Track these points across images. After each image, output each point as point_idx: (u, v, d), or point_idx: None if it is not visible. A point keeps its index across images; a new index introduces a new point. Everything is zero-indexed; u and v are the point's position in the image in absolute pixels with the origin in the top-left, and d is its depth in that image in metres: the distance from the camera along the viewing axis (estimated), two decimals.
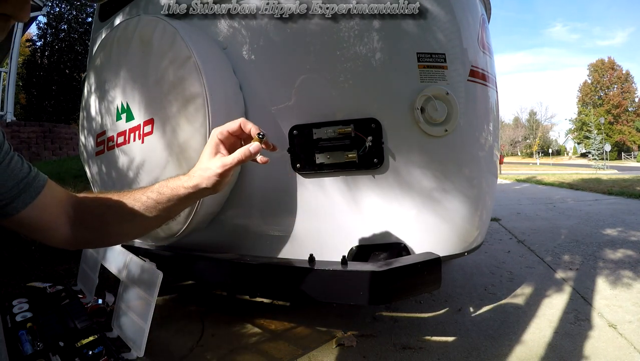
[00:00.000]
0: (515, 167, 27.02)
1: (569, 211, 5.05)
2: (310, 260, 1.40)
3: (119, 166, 1.64)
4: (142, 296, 1.45)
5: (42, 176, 0.63)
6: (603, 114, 46.39)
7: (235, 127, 0.70)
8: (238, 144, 0.73)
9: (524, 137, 62.33)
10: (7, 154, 0.59)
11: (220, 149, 0.70)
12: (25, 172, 0.60)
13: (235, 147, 0.72)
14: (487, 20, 1.88)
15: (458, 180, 1.53)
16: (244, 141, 0.72)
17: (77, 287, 2.09)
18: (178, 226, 1.52)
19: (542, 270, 2.63)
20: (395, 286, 1.32)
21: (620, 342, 1.61)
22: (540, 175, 14.17)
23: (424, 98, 1.43)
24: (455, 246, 1.57)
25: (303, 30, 1.51)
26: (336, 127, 1.45)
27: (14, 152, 0.61)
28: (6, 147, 0.59)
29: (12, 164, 0.59)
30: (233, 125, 0.69)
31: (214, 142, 0.69)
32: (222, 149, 0.70)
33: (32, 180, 0.61)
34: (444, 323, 1.87)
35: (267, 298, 2.19)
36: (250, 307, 2.15)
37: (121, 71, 1.60)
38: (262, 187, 1.62)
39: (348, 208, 1.52)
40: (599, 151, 31.96)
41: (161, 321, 1.95)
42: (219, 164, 0.67)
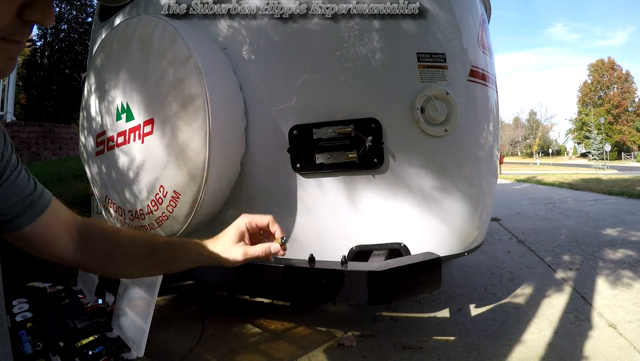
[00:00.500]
0: (515, 167, 27.02)
1: (569, 211, 5.05)
2: (310, 260, 1.40)
3: (119, 166, 1.64)
4: (142, 296, 1.45)
5: (47, 193, 0.64)
6: (603, 114, 46.39)
7: (264, 223, 0.75)
8: (258, 234, 0.78)
9: (524, 137, 62.34)
10: (14, 168, 0.59)
11: (245, 238, 0.75)
12: (30, 189, 0.61)
13: (256, 237, 0.77)
14: (487, 20, 1.88)
15: (458, 180, 1.53)
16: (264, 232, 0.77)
17: (77, 287, 2.09)
18: (178, 225, 1.52)
19: (542, 270, 2.63)
20: (395, 286, 1.32)
21: (620, 342, 1.61)
22: (540, 175, 14.17)
23: (424, 98, 1.43)
24: (455, 246, 1.57)
25: (303, 30, 1.51)
26: (336, 127, 1.45)
27: (21, 167, 0.61)
28: (14, 161, 0.59)
29: (18, 179, 0.59)
30: (262, 221, 0.75)
31: (242, 230, 0.74)
32: (246, 238, 0.75)
33: (37, 198, 0.61)
34: (444, 323, 1.87)
35: (267, 298, 2.19)
36: (250, 307, 2.15)
37: (121, 71, 1.60)
38: (262, 187, 1.62)
39: (348, 208, 1.52)
40: (599, 151, 31.97)
41: (161, 321, 1.95)
42: (242, 252, 0.72)
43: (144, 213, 1.57)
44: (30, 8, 0.39)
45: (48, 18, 0.40)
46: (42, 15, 0.40)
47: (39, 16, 0.39)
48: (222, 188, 1.54)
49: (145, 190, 1.53)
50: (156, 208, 1.52)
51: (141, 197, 1.55)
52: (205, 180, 1.39)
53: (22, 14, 0.38)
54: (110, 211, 1.76)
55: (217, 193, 1.51)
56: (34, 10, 0.39)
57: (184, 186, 1.43)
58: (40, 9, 0.39)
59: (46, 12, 0.40)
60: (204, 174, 1.39)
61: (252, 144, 1.56)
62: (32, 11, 0.39)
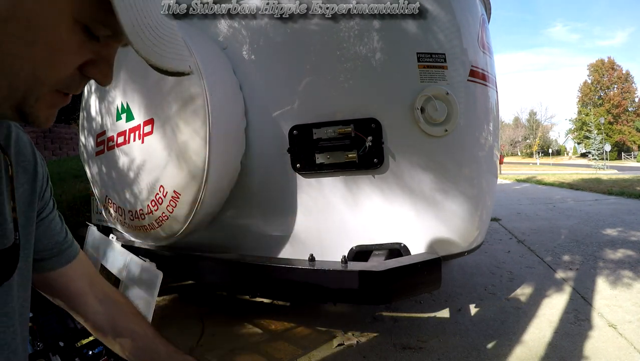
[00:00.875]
0: (515, 167, 27.02)
1: (569, 211, 5.05)
2: (310, 260, 1.40)
3: (119, 166, 1.64)
4: (142, 296, 1.45)
5: (76, 246, 0.65)
6: (603, 114, 46.38)
7: None
8: None
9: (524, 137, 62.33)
10: (50, 211, 0.60)
11: None
12: (62, 237, 0.62)
13: None
14: (487, 20, 1.88)
15: (458, 180, 1.53)
16: None
17: None
18: (178, 225, 1.52)
19: (542, 270, 2.63)
20: (395, 286, 1.32)
21: (620, 342, 1.61)
22: (540, 175, 14.17)
23: (424, 98, 1.43)
24: (455, 246, 1.57)
25: (303, 31, 1.51)
26: (336, 127, 1.45)
27: (56, 212, 0.62)
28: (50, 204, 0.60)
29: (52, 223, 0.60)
30: None
31: None
32: None
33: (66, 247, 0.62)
34: (444, 323, 1.87)
35: (267, 298, 2.19)
36: (250, 307, 2.15)
37: (121, 71, 1.60)
38: (262, 187, 1.62)
39: (348, 208, 1.52)
40: (599, 151, 31.95)
41: (161, 321, 1.95)
42: None
43: (144, 213, 1.57)
44: (93, 66, 0.41)
45: (107, 78, 0.42)
46: (101, 75, 0.42)
47: (99, 75, 0.42)
48: (222, 188, 1.54)
49: (146, 190, 1.53)
50: (156, 208, 1.52)
51: (141, 197, 1.56)
52: (205, 180, 1.39)
53: (83, 69, 0.40)
54: (110, 211, 1.76)
55: (217, 193, 1.51)
56: (95, 68, 0.41)
57: (184, 186, 1.43)
58: (101, 68, 0.41)
59: (106, 72, 0.42)
60: (204, 174, 1.39)
61: (252, 144, 1.56)
62: (93, 69, 0.41)
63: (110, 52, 0.42)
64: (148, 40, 0.38)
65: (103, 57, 0.41)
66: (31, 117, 0.40)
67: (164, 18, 0.41)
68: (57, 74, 0.38)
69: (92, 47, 0.39)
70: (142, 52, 0.37)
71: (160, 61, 0.40)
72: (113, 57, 0.43)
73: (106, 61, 0.41)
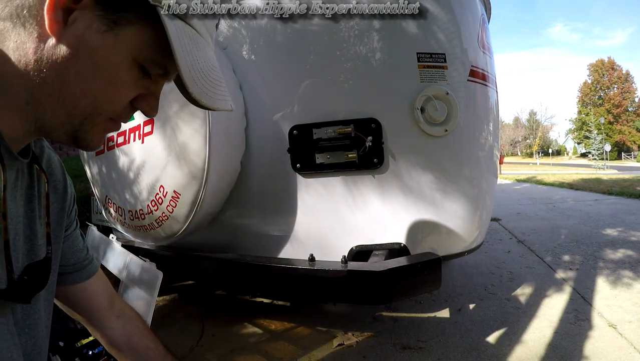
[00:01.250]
0: (515, 167, 27.01)
1: (569, 211, 5.05)
2: (310, 260, 1.40)
3: (119, 166, 1.64)
4: (142, 296, 1.45)
5: (96, 263, 0.67)
6: (603, 114, 46.36)
7: None
8: None
9: (524, 137, 62.31)
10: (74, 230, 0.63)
11: None
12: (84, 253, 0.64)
13: None
14: (487, 20, 1.88)
15: (458, 180, 1.53)
16: None
17: None
18: (178, 225, 1.52)
19: (542, 270, 2.63)
20: (395, 286, 1.32)
21: (620, 342, 1.61)
22: (540, 175, 14.17)
23: (424, 98, 1.43)
24: (455, 246, 1.57)
25: (303, 31, 1.51)
26: (336, 127, 1.45)
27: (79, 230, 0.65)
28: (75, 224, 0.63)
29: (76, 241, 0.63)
30: None
31: None
32: None
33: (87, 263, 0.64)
34: (444, 323, 1.87)
35: (267, 298, 2.19)
36: (250, 307, 2.15)
37: None
38: (262, 187, 1.62)
39: (348, 208, 1.52)
40: (599, 151, 31.93)
41: (161, 321, 1.95)
42: None
43: (144, 213, 1.57)
44: (142, 100, 0.45)
45: (153, 110, 0.47)
46: (149, 108, 0.46)
47: (147, 108, 0.46)
48: (222, 188, 1.54)
49: (146, 190, 1.53)
50: (156, 208, 1.52)
51: (141, 197, 1.56)
52: (205, 180, 1.39)
53: (133, 102, 0.45)
54: (111, 211, 1.76)
55: (217, 193, 1.51)
56: (145, 102, 0.45)
57: (184, 186, 1.43)
58: (149, 102, 0.46)
59: (153, 105, 0.47)
60: (204, 174, 1.39)
61: (252, 144, 1.56)
62: (143, 102, 0.45)
63: (158, 88, 0.46)
64: (201, 83, 0.42)
65: (152, 92, 0.46)
66: (85, 142, 0.44)
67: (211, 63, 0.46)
68: (113, 106, 0.43)
69: (144, 83, 0.44)
70: (196, 95, 0.42)
71: (209, 102, 0.44)
72: (159, 92, 0.47)
73: (154, 95, 0.46)
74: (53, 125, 0.41)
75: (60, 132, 0.42)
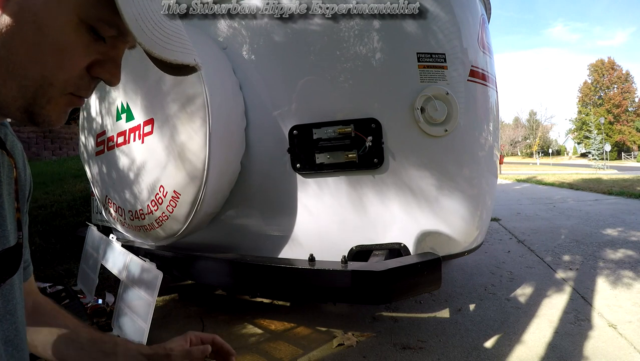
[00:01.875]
0: (515, 167, 27.00)
1: (569, 211, 5.05)
2: (310, 260, 1.40)
3: (119, 166, 1.64)
4: (142, 296, 1.45)
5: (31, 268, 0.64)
6: (603, 114, 46.36)
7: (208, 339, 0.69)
8: None
9: (524, 137, 62.30)
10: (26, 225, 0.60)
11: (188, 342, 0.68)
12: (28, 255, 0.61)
13: None
14: (487, 20, 1.88)
15: (458, 180, 1.53)
16: None
17: (77, 287, 2.09)
18: (178, 225, 1.52)
19: (542, 270, 2.63)
20: (395, 286, 1.32)
21: (620, 342, 1.61)
22: (540, 175, 14.17)
23: (424, 98, 1.43)
24: (455, 246, 1.57)
25: (303, 31, 1.51)
26: (336, 127, 1.45)
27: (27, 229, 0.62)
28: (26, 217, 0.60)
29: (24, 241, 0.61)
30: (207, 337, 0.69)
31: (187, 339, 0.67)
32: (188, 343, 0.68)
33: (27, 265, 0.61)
34: (444, 323, 1.87)
35: (267, 298, 2.19)
36: (250, 307, 2.15)
37: (121, 71, 1.59)
38: (262, 187, 1.62)
39: (348, 207, 1.52)
40: (599, 151, 31.93)
41: (161, 321, 1.95)
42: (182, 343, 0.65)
43: (144, 213, 1.57)
44: (100, 66, 0.42)
45: (115, 78, 0.43)
46: (109, 75, 0.43)
47: (107, 75, 0.43)
48: (222, 188, 1.54)
49: (146, 190, 1.53)
50: (156, 208, 1.52)
51: (141, 197, 1.56)
52: (205, 180, 1.39)
53: (91, 70, 0.41)
54: (111, 211, 1.76)
55: (217, 193, 1.51)
56: (102, 68, 0.42)
57: (184, 186, 1.43)
58: (108, 68, 0.42)
59: (114, 72, 0.43)
60: (204, 174, 1.39)
61: (252, 144, 1.56)
62: (101, 69, 0.42)
63: (117, 52, 0.43)
64: (151, 33, 0.39)
65: (110, 57, 0.42)
66: (41, 117, 0.40)
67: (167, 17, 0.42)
68: (65, 75, 0.40)
69: (98, 47, 0.41)
70: (146, 44, 0.38)
71: (163, 52, 0.40)
72: (120, 57, 0.44)
73: (113, 61, 0.43)
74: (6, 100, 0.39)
75: (14, 107, 0.40)
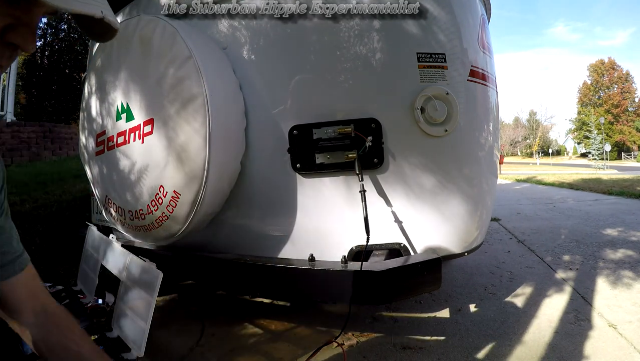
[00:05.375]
0: (515, 167, 27.00)
1: (569, 211, 5.05)
2: (310, 260, 1.40)
3: (119, 166, 1.64)
4: (142, 296, 1.45)
5: (27, 256, 0.62)
6: (603, 114, 46.34)
7: None
8: None
9: (524, 137, 62.31)
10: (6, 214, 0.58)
11: None
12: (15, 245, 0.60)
13: None
14: (487, 20, 1.88)
15: (458, 180, 1.53)
16: None
17: (77, 287, 2.09)
18: (178, 226, 1.52)
19: (542, 270, 2.63)
20: (395, 286, 1.32)
21: (620, 342, 1.61)
22: (540, 175, 14.17)
23: (424, 98, 1.43)
24: (455, 246, 1.57)
25: (303, 31, 1.51)
26: (336, 127, 1.45)
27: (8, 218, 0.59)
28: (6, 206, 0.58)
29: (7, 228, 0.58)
30: None
31: None
32: None
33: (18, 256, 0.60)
34: (444, 323, 1.87)
35: (267, 298, 2.19)
36: (250, 307, 2.15)
37: (121, 71, 1.60)
38: (262, 187, 1.62)
39: (348, 208, 1.52)
40: (599, 151, 31.94)
41: (161, 321, 1.95)
42: None
43: (144, 213, 1.57)
44: (13, 31, 0.40)
45: (29, 43, 0.41)
46: (22, 40, 0.41)
47: (20, 40, 0.40)
48: (222, 188, 1.54)
49: (146, 190, 1.53)
50: (156, 208, 1.52)
51: (141, 197, 1.55)
52: (205, 180, 1.39)
53: (4, 37, 0.40)
54: (111, 211, 1.76)
55: (217, 193, 1.51)
56: (14, 33, 0.40)
57: (184, 186, 1.43)
58: (21, 32, 0.40)
59: (27, 37, 0.41)
60: (204, 174, 1.39)
61: (252, 144, 1.56)
62: (13, 34, 0.40)
63: (31, 17, 0.41)
64: None
65: (24, 22, 0.40)
66: None
67: None
68: None
69: (11, 12, 0.39)
70: None
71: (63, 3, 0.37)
72: (35, 22, 0.42)
73: (27, 25, 0.41)
74: None
75: None
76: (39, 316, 0.63)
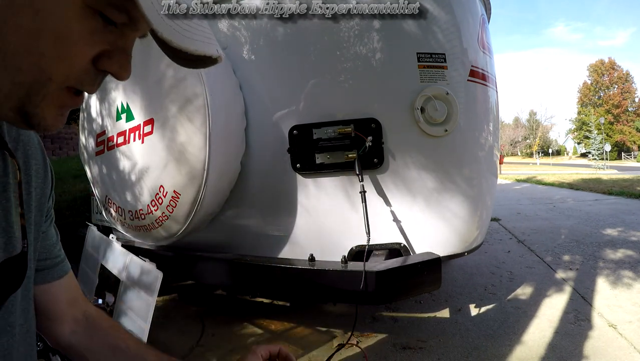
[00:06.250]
0: (515, 167, 26.99)
1: (569, 211, 5.05)
2: (310, 260, 1.40)
3: (119, 166, 1.64)
4: (142, 296, 1.45)
5: (67, 263, 0.61)
6: (603, 114, 46.34)
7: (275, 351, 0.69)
8: None
9: (524, 137, 62.29)
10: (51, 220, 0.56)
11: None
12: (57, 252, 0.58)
13: None
14: (487, 20, 1.88)
15: (458, 180, 1.53)
16: None
17: None
18: (178, 226, 1.52)
19: (542, 270, 2.63)
20: (395, 286, 1.32)
21: (620, 342, 1.61)
22: (540, 175, 14.16)
23: (424, 98, 1.43)
24: (455, 246, 1.57)
25: (303, 31, 1.51)
26: (336, 127, 1.45)
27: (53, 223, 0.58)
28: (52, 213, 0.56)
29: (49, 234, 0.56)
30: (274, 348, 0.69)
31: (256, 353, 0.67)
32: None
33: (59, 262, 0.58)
34: (444, 323, 1.87)
35: (267, 298, 2.19)
36: (250, 307, 2.15)
37: None
38: (262, 187, 1.62)
39: (348, 207, 1.52)
40: (599, 151, 31.93)
41: (161, 321, 1.95)
42: None
43: (144, 213, 1.57)
44: (108, 58, 0.36)
45: (124, 71, 0.38)
46: (118, 67, 0.37)
47: (116, 68, 0.37)
48: (222, 188, 1.54)
49: (146, 190, 1.53)
50: (156, 208, 1.52)
51: (141, 197, 1.56)
52: (205, 180, 1.39)
53: (98, 63, 0.36)
54: (111, 211, 1.76)
55: (217, 193, 1.51)
56: (110, 60, 0.36)
57: (184, 186, 1.43)
58: (118, 59, 0.37)
59: (123, 64, 0.37)
60: (204, 174, 1.39)
61: (252, 144, 1.56)
62: (109, 62, 0.37)
63: (127, 42, 0.38)
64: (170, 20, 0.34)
65: (120, 47, 0.37)
66: (36, 118, 0.35)
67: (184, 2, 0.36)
68: (68, 68, 0.34)
69: (107, 37, 0.36)
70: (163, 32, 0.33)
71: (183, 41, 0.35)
72: (131, 48, 0.39)
73: (123, 51, 0.38)
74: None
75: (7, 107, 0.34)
76: (79, 322, 0.61)
